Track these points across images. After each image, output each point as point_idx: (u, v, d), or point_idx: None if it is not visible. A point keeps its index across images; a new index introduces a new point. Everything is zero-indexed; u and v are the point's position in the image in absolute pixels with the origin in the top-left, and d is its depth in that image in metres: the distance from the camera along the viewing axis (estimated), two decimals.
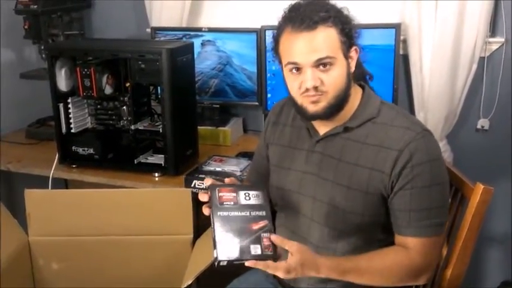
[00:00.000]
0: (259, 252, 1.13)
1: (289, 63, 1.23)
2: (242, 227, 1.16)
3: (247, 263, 1.12)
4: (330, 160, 1.29)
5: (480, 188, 1.33)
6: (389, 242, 1.28)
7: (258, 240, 1.15)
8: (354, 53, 1.25)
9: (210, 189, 1.22)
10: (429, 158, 1.20)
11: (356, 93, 1.30)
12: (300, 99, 1.25)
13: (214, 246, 1.14)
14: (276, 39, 1.27)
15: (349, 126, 1.27)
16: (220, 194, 1.21)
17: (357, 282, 1.23)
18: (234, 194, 1.22)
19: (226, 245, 1.14)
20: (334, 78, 1.21)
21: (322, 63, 1.20)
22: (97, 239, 1.71)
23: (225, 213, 1.18)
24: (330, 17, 1.19)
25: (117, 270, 1.72)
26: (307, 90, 1.22)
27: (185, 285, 1.34)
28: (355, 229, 1.27)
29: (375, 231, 1.29)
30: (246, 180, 1.63)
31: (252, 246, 1.14)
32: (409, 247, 1.23)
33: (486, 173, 1.94)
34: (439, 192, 1.22)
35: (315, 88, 1.21)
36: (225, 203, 1.20)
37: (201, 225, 1.75)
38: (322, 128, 1.31)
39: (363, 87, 1.33)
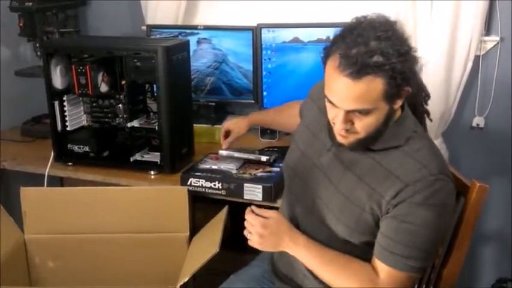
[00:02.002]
0: None
1: (327, 95, 1.17)
2: None
3: None
4: (339, 165, 1.27)
5: (476, 185, 1.34)
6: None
7: None
8: (403, 95, 1.16)
9: None
10: (432, 202, 1.15)
11: (394, 113, 1.21)
12: (331, 124, 1.22)
13: None
14: (326, 54, 1.17)
15: (371, 147, 1.22)
16: None
17: (313, 270, 1.27)
18: None
19: None
20: (368, 124, 1.16)
21: (358, 111, 1.14)
22: (93, 236, 1.71)
23: None
24: (383, 65, 1.07)
25: (113, 268, 1.72)
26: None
27: (181, 283, 1.34)
28: (343, 241, 1.27)
29: (362, 249, 1.27)
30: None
31: None
32: (378, 271, 1.22)
33: (481, 171, 1.96)
34: (427, 237, 1.17)
35: (346, 130, 1.18)
36: None
37: (197, 223, 1.75)
38: None
39: (402, 107, 1.24)
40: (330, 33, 2.03)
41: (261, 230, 1.26)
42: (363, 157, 1.24)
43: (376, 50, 1.07)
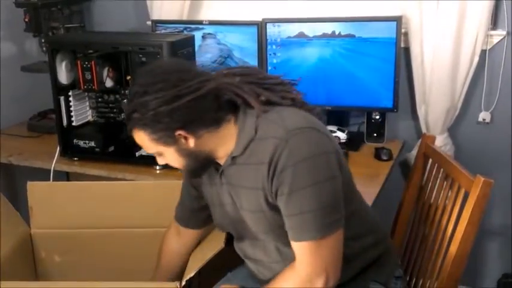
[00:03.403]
0: None
1: None
2: None
3: None
4: (233, 188, 1.28)
5: (480, 180, 1.34)
6: None
7: None
8: (181, 135, 1.19)
9: None
10: (293, 162, 1.13)
11: (229, 128, 1.23)
12: None
13: None
14: None
15: (234, 155, 1.24)
16: None
17: None
18: None
19: None
20: (172, 163, 1.28)
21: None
22: (99, 231, 1.71)
23: None
24: (140, 119, 1.18)
25: (119, 263, 1.73)
26: None
27: (187, 278, 1.34)
28: (275, 246, 1.28)
29: None
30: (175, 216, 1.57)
31: None
32: (296, 254, 1.20)
33: (487, 166, 1.95)
34: (309, 196, 1.14)
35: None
36: None
37: None
38: (221, 161, 1.29)
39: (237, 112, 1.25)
40: (335, 28, 2.04)
41: None
42: (237, 168, 1.25)
43: (135, 105, 1.18)
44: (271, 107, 1.23)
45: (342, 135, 2.08)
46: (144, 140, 1.22)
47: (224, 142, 1.24)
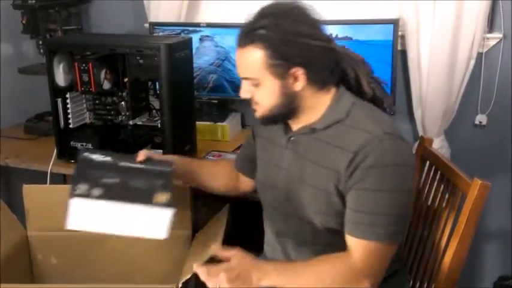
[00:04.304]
0: None
1: None
2: None
3: None
4: (299, 158, 1.29)
5: (477, 183, 1.34)
6: None
7: None
8: (296, 73, 1.20)
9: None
10: (382, 163, 1.16)
11: (326, 96, 1.27)
12: None
13: None
14: None
15: (315, 127, 1.27)
16: None
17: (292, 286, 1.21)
18: None
19: None
20: (262, 97, 1.24)
21: (247, 79, 1.23)
22: (95, 233, 1.71)
23: None
24: (263, 37, 1.17)
25: (115, 265, 1.72)
26: None
27: (183, 280, 1.34)
28: (326, 232, 1.27)
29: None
30: (233, 162, 1.62)
31: None
32: (351, 248, 1.20)
33: (484, 169, 1.95)
34: (389, 200, 1.17)
35: (250, 98, 1.25)
36: None
37: (200, 220, 1.76)
38: (294, 126, 1.31)
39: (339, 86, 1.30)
40: (332, 30, 2.04)
41: (228, 275, 1.17)
42: (314, 142, 1.26)
43: (263, 25, 1.17)
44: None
45: None
46: (256, 60, 1.18)
47: (313, 107, 1.25)
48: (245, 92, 1.25)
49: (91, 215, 1.20)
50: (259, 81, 1.21)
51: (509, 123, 2.06)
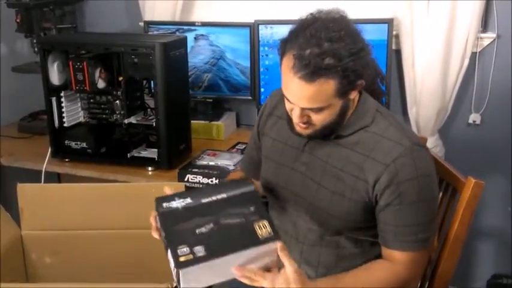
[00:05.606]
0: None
1: (283, 91, 1.20)
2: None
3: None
4: (318, 162, 1.28)
5: (471, 182, 1.34)
6: (375, 241, 1.27)
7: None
8: (359, 86, 1.18)
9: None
10: (416, 175, 1.17)
11: (353, 100, 1.24)
12: (290, 115, 1.24)
13: None
14: (281, 50, 1.20)
15: (340, 134, 1.25)
16: None
17: None
18: None
19: None
20: (324, 118, 1.18)
21: (311, 109, 1.17)
22: (90, 232, 1.71)
23: None
24: (335, 66, 1.09)
25: (110, 265, 1.72)
26: None
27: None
28: (338, 231, 1.28)
29: (361, 233, 1.28)
30: (239, 165, 1.62)
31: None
32: (395, 260, 1.22)
33: (477, 167, 1.96)
34: (427, 209, 1.21)
35: (303, 122, 1.21)
36: None
37: None
38: None
39: (360, 92, 1.27)
40: None
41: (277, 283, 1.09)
42: (336, 148, 1.25)
43: (329, 51, 1.09)
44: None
45: None
46: (328, 91, 1.12)
47: (343, 112, 1.21)
48: (302, 117, 1.19)
49: (203, 275, 1.12)
50: (325, 107, 1.16)
51: (503, 122, 2.07)
